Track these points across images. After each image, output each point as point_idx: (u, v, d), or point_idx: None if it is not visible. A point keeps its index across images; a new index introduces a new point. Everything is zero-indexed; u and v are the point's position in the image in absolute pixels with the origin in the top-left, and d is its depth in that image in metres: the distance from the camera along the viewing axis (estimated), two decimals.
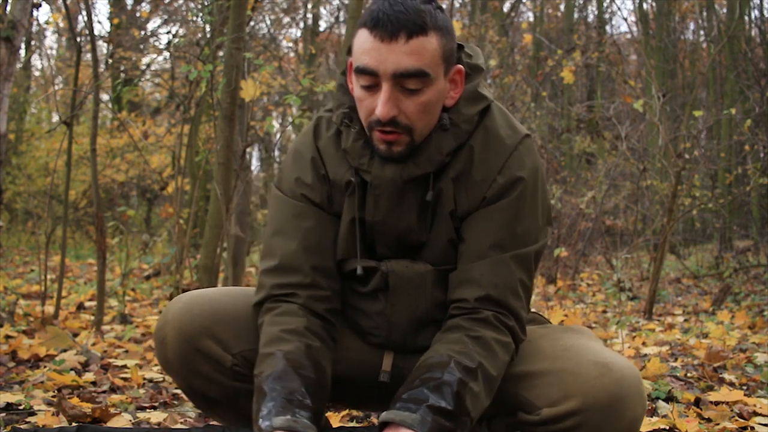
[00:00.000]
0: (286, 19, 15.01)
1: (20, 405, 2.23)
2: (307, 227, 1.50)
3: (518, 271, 1.45)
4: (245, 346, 1.50)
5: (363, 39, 1.35)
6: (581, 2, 15.08)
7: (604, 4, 14.44)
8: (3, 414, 2.13)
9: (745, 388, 2.76)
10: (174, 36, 12.73)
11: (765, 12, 10.15)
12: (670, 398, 2.53)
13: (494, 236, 1.44)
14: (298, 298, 1.47)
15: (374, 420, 2.26)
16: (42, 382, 2.53)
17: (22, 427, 1.88)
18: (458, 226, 1.48)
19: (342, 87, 1.51)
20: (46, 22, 14.68)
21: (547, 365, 1.41)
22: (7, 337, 3.30)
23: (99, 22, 15.68)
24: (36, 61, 16.14)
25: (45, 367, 2.80)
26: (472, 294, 1.43)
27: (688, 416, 2.25)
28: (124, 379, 2.69)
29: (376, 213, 1.48)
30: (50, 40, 16.48)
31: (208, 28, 6.51)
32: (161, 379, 2.74)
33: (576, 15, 14.87)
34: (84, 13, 4.24)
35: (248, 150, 5.03)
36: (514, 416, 1.44)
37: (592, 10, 15.39)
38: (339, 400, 1.69)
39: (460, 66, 1.44)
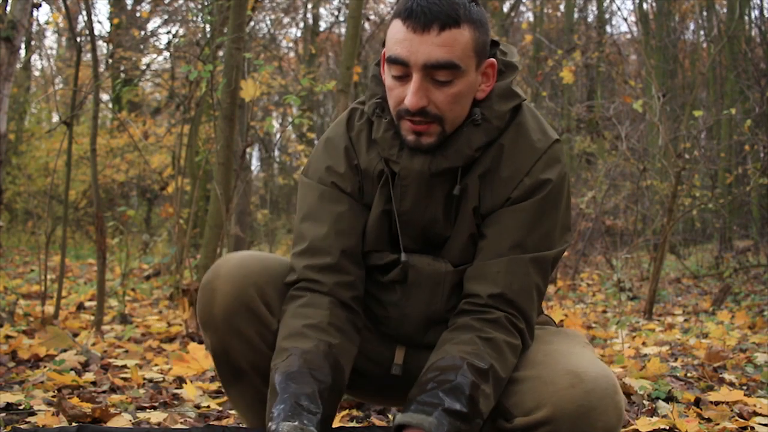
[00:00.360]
0: (286, 19, 15.02)
1: (20, 405, 2.23)
2: (338, 212, 1.51)
3: (535, 274, 1.45)
4: None
5: (396, 29, 1.36)
6: (581, 2, 15.07)
7: (604, 4, 14.43)
8: (3, 414, 2.13)
9: (745, 388, 2.75)
10: (174, 36, 12.74)
11: (765, 12, 10.15)
12: (670, 398, 2.53)
13: (515, 236, 1.44)
14: (324, 286, 1.47)
15: (374, 420, 2.26)
16: (42, 382, 2.53)
17: (22, 427, 1.88)
18: (479, 222, 1.48)
19: (375, 78, 1.51)
20: (46, 22, 14.68)
21: (526, 372, 1.40)
22: (7, 337, 3.29)
23: (99, 22, 15.66)
24: (36, 61, 16.15)
25: (45, 367, 2.80)
26: (486, 290, 1.43)
27: (688, 416, 2.25)
28: (124, 379, 2.69)
29: (403, 204, 1.48)
30: (50, 40, 16.50)
31: (208, 28, 6.51)
32: (161, 379, 2.74)
33: (576, 15, 14.87)
34: (84, 13, 4.24)
35: (248, 150, 5.03)
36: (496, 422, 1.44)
37: (592, 10, 15.39)
38: (348, 392, 1.69)
39: (493, 59, 1.44)
